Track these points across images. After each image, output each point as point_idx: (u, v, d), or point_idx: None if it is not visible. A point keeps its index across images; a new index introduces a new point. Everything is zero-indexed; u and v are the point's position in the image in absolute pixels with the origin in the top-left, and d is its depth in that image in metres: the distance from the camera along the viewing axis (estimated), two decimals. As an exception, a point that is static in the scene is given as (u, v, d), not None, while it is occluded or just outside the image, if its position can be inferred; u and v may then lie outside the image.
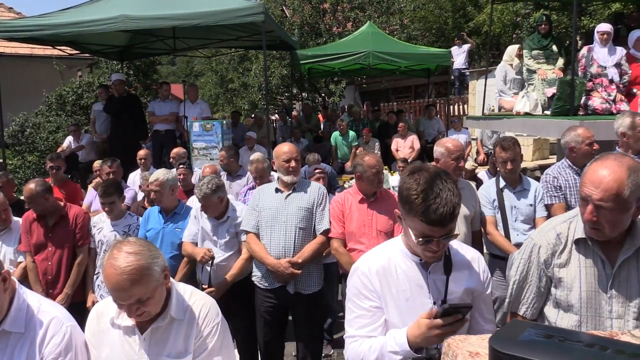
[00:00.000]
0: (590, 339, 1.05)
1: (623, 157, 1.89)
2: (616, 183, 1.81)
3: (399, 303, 1.95)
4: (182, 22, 7.73)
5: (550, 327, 1.08)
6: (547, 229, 2.14)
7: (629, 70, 6.40)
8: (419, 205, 1.76)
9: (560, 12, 13.49)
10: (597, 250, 2.01)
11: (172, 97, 10.06)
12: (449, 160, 3.70)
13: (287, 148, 3.93)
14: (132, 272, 1.87)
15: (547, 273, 2.11)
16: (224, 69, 25.01)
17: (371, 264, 2.00)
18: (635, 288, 1.97)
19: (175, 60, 41.34)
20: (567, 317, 2.06)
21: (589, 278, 2.01)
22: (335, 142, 11.09)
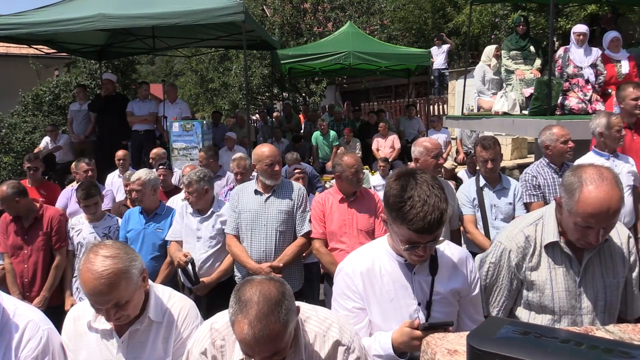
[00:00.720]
0: (565, 335, 1.06)
1: (603, 171, 1.91)
2: (618, 202, 1.85)
3: (383, 304, 1.95)
4: (161, 22, 7.64)
5: (527, 324, 1.10)
6: (515, 233, 2.15)
7: (604, 71, 6.51)
8: (407, 214, 1.73)
9: (538, 14, 13.67)
10: (570, 252, 2.05)
11: (152, 97, 9.97)
12: (429, 159, 3.73)
13: (268, 151, 3.84)
14: (109, 277, 1.84)
15: (518, 276, 2.14)
16: (204, 68, 24.81)
17: (355, 265, 2.00)
18: (600, 283, 2.05)
19: (155, 60, 40.93)
20: (541, 317, 2.11)
21: (559, 278, 2.06)
22: (316, 142, 11.10)
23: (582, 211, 1.85)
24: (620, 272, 2.09)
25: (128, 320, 2.00)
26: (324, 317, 1.88)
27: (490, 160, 4.13)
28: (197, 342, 1.87)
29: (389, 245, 2.00)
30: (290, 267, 3.88)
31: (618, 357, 0.95)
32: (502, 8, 14.88)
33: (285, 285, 1.71)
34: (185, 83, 28.62)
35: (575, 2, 11.25)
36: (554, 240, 2.06)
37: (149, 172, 4.51)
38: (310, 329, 1.83)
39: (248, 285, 1.66)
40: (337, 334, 1.82)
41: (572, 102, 6.42)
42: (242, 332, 1.57)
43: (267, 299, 1.60)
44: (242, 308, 1.60)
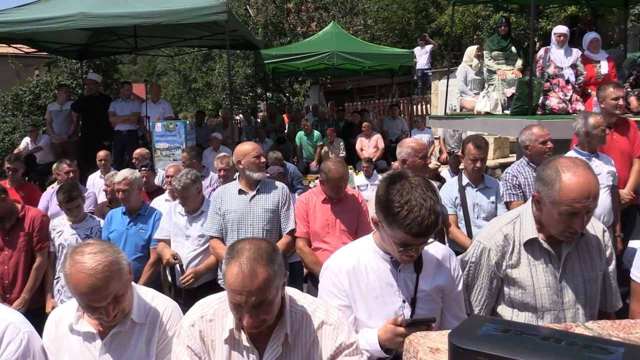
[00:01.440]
0: (545, 332, 1.08)
1: (574, 160, 1.96)
2: (596, 186, 1.90)
3: (369, 301, 1.97)
4: (143, 21, 7.59)
5: (507, 322, 1.11)
6: (493, 232, 2.17)
7: (584, 71, 6.60)
8: (404, 218, 1.74)
9: (519, 15, 13.82)
10: (549, 247, 2.08)
11: (134, 97, 9.89)
12: (417, 159, 3.71)
13: (251, 146, 3.92)
14: (105, 270, 1.83)
15: (498, 275, 2.16)
16: (187, 68, 24.68)
17: (342, 263, 2.01)
18: (579, 277, 2.09)
19: (137, 59, 40.55)
20: (524, 314, 2.13)
21: (540, 274, 2.09)
22: (300, 142, 11.10)
23: (566, 198, 1.88)
24: (598, 266, 2.13)
25: (122, 318, 1.99)
26: (312, 300, 1.94)
27: (480, 160, 4.17)
28: (188, 316, 1.92)
29: (375, 243, 2.01)
30: (276, 267, 3.88)
31: (596, 353, 0.96)
32: (484, 9, 15.03)
33: (277, 246, 1.81)
34: (168, 83, 28.44)
35: (555, 3, 11.39)
36: (532, 237, 2.09)
37: (134, 172, 4.48)
38: (298, 308, 1.88)
39: (242, 240, 1.77)
40: (323, 314, 1.87)
41: (553, 102, 6.51)
42: (232, 273, 1.65)
43: (258, 248, 1.70)
44: (234, 255, 1.69)
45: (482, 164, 4.20)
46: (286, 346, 1.82)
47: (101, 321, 1.96)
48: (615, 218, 4.39)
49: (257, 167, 3.82)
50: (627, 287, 2.30)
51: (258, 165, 3.81)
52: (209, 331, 1.86)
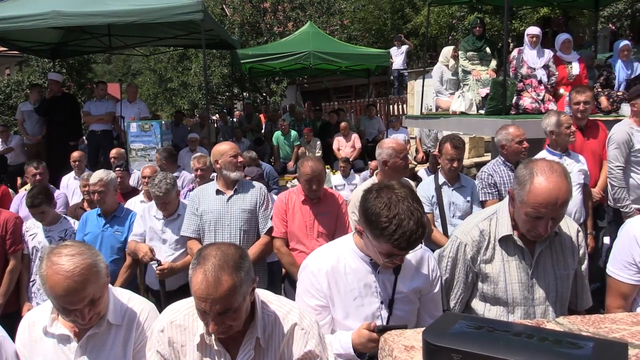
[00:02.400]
0: (517, 328, 1.10)
1: (553, 164, 1.99)
2: (566, 194, 1.93)
3: (347, 302, 1.97)
4: (117, 20, 7.49)
5: (480, 319, 1.13)
6: (470, 227, 2.22)
7: (556, 72, 6.72)
8: (393, 233, 1.74)
9: (493, 16, 14.01)
10: (522, 244, 2.13)
11: (109, 97, 9.76)
12: (398, 160, 3.71)
13: (228, 145, 3.91)
14: (82, 273, 1.81)
15: (473, 269, 2.20)
16: (163, 67, 24.45)
17: (321, 263, 2.02)
18: (551, 275, 2.14)
19: (111, 59, 40.01)
20: (495, 308, 2.19)
21: (513, 270, 2.14)
22: (277, 142, 11.09)
23: (533, 201, 1.93)
24: (570, 265, 2.18)
25: (97, 321, 1.97)
26: (285, 302, 1.93)
27: (457, 160, 4.22)
28: (158, 321, 1.91)
29: (355, 244, 2.02)
30: (255, 267, 3.86)
31: (566, 348, 0.99)
32: (459, 10, 15.19)
33: (245, 251, 1.77)
34: (143, 82, 28.13)
35: (528, 4, 11.56)
36: (507, 233, 2.13)
37: (109, 172, 4.41)
38: (271, 311, 1.87)
39: (210, 245, 1.76)
40: (296, 317, 1.87)
41: (526, 102, 6.61)
42: (197, 281, 1.64)
43: (225, 255, 1.68)
44: (200, 261, 1.68)
45: (459, 163, 4.25)
46: (258, 349, 1.82)
47: (76, 324, 1.93)
48: (587, 215, 4.49)
49: (234, 166, 3.79)
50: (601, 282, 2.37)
51: (235, 164, 3.79)
52: (179, 336, 1.85)
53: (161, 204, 3.97)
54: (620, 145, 4.54)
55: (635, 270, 2.21)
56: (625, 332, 1.24)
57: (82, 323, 1.90)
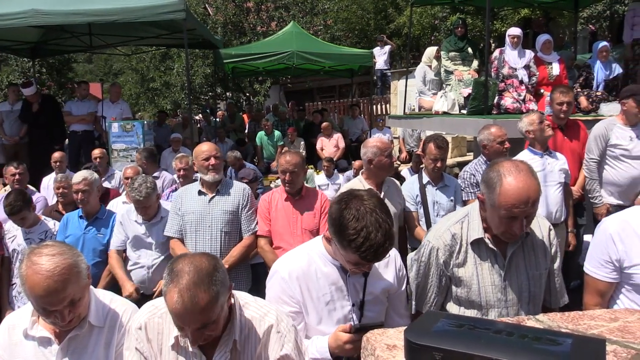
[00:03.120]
0: (498, 326, 1.11)
1: (518, 164, 2.00)
2: (536, 191, 1.94)
3: (319, 307, 1.97)
4: (98, 19, 7.41)
5: (462, 317, 1.14)
6: (442, 231, 2.21)
7: (537, 72, 6.80)
8: (361, 245, 1.74)
9: (475, 16, 14.14)
10: (494, 247, 2.13)
11: (90, 97, 9.65)
12: (383, 158, 3.72)
13: (205, 147, 3.87)
14: (62, 273, 1.79)
15: (446, 273, 2.20)
16: (145, 67, 24.25)
17: (291, 269, 2.00)
18: (523, 275, 2.15)
19: (93, 58, 39.57)
20: (470, 312, 2.19)
21: (485, 273, 2.14)
22: (261, 142, 11.06)
23: (505, 203, 1.92)
24: (542, 264, 2.20)
25: (77, 323, 1.94)
26: (262, 304, 1.92)
27: (441, 160, 4.24)
28: (136, 319, 1.89)
29: (325, 249, 2.02)
30: (238, 268, 3.85)
31: (546, 345, 1.00)
32: (441, 10, 15.29)
33: (218, 259, 1.75)
34: (125, 82, 27.82)
35: (509, 5, 11.68)
36: (479, 236, 2.13)
37: (92, 173, 4.35)
38: (247, 314, 1.86)
39: (181, 258, 1.70)
40: (273, 320, 1.86)
41: (507, 102, 6.68)
42: (173, 300, 1.60)
43: (198, 270, 1.64)
44: (173, 278, 1.63)
45: (442, 163, 4.28)
46: (234, 352, 1.81)
47: (56, 326, 1.91)
48: (568, 214, 4.55)
49: (206, 169, 3.77)
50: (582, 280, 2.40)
51: (207, 167, 3.76)
52: (157, 334, 1.83)
53: (141, 208, 3.91)
54: (597, 138, 4.64)
55: (611, 269, 2.25)
56: (603, 329, 1.26)
57: (62, 325, 1.87)
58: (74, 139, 8.81)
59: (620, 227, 2.23)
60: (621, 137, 4.62)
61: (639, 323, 1.29)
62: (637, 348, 1.14)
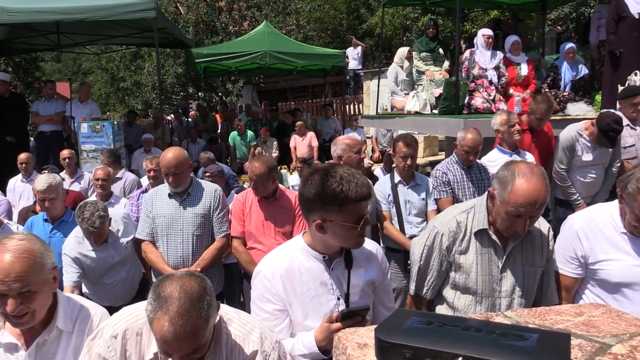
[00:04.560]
0: (467, 322, 1.13)
1: (533, 167, 2.10)
2: (545, 196, 2.04)
3: (305, 302, 1.97)
4: (66, 17, 7.28)
5: (432, 314, 1.16)
6: (448, 218, 2.32)
7: (506, 73, 6.92)
8: (350, 190, 1.80)
9: (446, 17, 14.31)
10: (496, 239, 2.23)
11: (58, 96, 9.46)
12: (352, 154, 3.78)
13: (166, 160, 3.63)
14: (23, 254, 1.74)
15: (448, 258, 2.31)
16: (115, 66, 23.87)
17: (274, 267, 1.99)
18: (519, 270, 2.26)
19: (61, 57, 38.79)
20: (464, 297, 2.30)
21: (484, 263, 2.25)
22: (234, 142, 11.00)
23: (514, 201, 2.03)
24: (538, 262, 2.29)
25: (32, 323, 1.86)
26: (245, 320, 1.85)
27: (410, 157, 4.28)
28: (111, 324, 1.78)
29: (306, 243, 2.02)
30: (211, 269, 3.82)
31: (512, 340, 1.02)
32: (412, 11, 15.43)
33: (206, 280, 1.68)
34: (94, 82, 27.34)
35: (479, 7, 11.86)
36: (483, 227, 2.24)
37: (55, 176, 4.24)
38: (231, 331, 1.80)
39: (168, 281, 1.61)
40: (257, 338, 1.80)
41: (478, 102, 6.77)
42: (163, 329, 1.52)
43: (188, 295, 1.56)
44: (162, 305, 1.55)
45: (413, 161, 4.32)
46: None
47: (2, 317, 1.83)
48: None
49: (168, 182, 3.69)
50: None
51: (168, 181, 3.67)
52: (134, 346, 1.75)
53: (96, 236, 3.68)
54: (564, 150, 4.79)
55: (576, 265, 2.34)
56: (569, 323, 1.29)
57: (9, 312, 1.77)
58: (42, 139, 8.62)
59: (585, 224, 2.31)
60: (585, 149, 4.77)
61: (603, 317, 1.33)
62: (601, 341, 1.17)
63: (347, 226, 1.86)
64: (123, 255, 3.88)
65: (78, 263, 3.75)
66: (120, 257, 3.86)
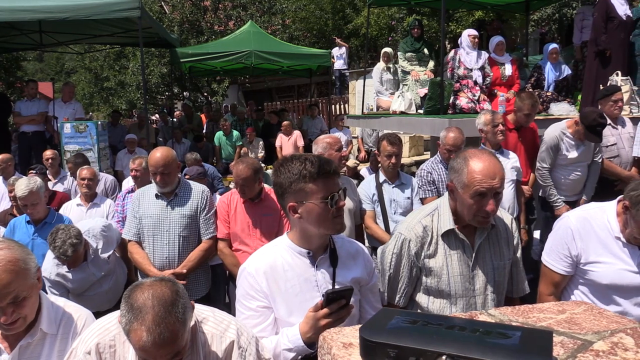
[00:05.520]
0: (451, 321, 1.13)
1: (480, 149, 2.15)
2: (501, 169, 2.08)
3: (289, 300, 1.96)
4: (48, 16, 7.19)
5: (416, 314, 1.17)
6: (413, 224, 2.29)
7: (491, 73, 6.98)
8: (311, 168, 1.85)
9: (431, 18, 14.38)
10: (464, 237, 2.22)
11: (40, 96, 9.36)
12: (333, 152, 3.80)
13: (154, 160, 3.62)
14: (7, 265, 1.71)
15: (417, 264, 2.28)
16: (99, 66, 23.64)
17: (258, 264, 2.00)
18: (489, 265, 2.26)
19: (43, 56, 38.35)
20: (438, 301, 2.27)
21: (454, 264, 2.23)
22: (219, 142, 10.95)
23: (474, 180, 2.04)
24: (506, 255, 2.30)
25: (23, 327, 1.85)
26: (221, 318, 1.86)
27: (395, 155, 4.30)
28: (83, 341, 1.76)
29: (291, 241, 2.03)
30: (197, 272, 3.80)
31: (496, 338, 1.03)
32: (398, 11, 15.49)
33: (177, 283, 1.67)
34: (78, 81, 27.05)
35: (464, 8, 11.94)
36: (449, 227, 2.22)
37: (35, 180, 4.16)
38: (207, 329, 1.81)
39: (139, 291, 1.59)
40: (234, 335, 1.81)
41: (463, 102, 6.82)
42: (141, 339, 1.52)
43: (162, 302, 1.56)
44: (136, 315, 1.54)
45: (397, 159, 4.34)
46: None
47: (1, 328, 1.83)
48: (520, 210, 4.70)
49: (155, 181, 3.67)
50: (533, 274, 2.50)
51: (155, 180, 3.65)
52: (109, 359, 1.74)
53: (70, 263, 3.65)
54: (549, 149, 4.83)
55: (569, 263, 2.36)
56: (551, 321, 1.30)
57: (3, 324, 1.78)
58: (24, 140, 8.52)
59: (581, 225, 2.33)
60: (569, 147, 4.82)
61: (585, 315, 1.34)
62: (583, 338, 1.18)
63: (318, 204, 1.87)
64: (105, 270, 3.83)
65: (59, 285, 3.71)
66: (103, 273, 3.81)
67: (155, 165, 3.59)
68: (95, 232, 3.85)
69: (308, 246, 1.99)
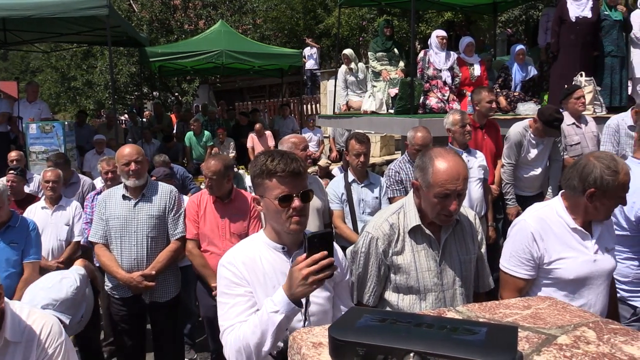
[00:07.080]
0: (419, 319, 1.15)
1: (445, 148, 2.19)
2: (465, 169, 2.12)
3: (267, 290, 1.95)
4: (12, 13, 7.02)
5: (385, 312, 1.18)
6: (380, 222, 2.31)
7: (460, 73, 7.08)
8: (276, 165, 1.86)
9: (401, 19, 14.51)
10: (430, 234, 2.25)
11: (4, 96, 9.14)
12: (298, 152, 3.79)
13: (127, 150, 3.68)
14: None
15: (385, 262, 2.29)
16: (65, 65, 23.13)
17: (236, 255, 2.00)
18: (456, 260, 2.30)
19: (8, 55, 37.40)
20: (408, 297, 2.29)
21: (422, 260, 2.26)
22: (190, 142, 10.84)
23: (439, 181, 2.07)
24: (471, 249, 2.34)
25: None
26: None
27: (363, 154, 4.32)
28: None
29: (266, 237, 2.03)
30: (166, 274, 3.76)
31: (463, 335, 1.04)
32: (368, 12, 15.58)
33: None
34: (44, 81, 26.42)
35: (433, 8, 12.08)
36: (415, 224, 2.25)
37: None
38: None
39: None
40: None
41: (432, 102, 6.90)
42: None
43: None
44: None
45: (366, 158, 4.36)
46: None
47: None
48: (487, 209, 4.78)
49: (127, 174, 3.62)
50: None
51: (127, 172, 3.61)
52: None
53: None
54: (513, 146, 4.95)
55: (531, 266, 2.36)
56: (517, 316, 1.33)
57: None
58: (-12, 141, 8.31)
59: (539, 225, 2.35)
60: (530, 146, 4.96)
61: (550, 310, 1.37)
62: (547, 333, 1.21)
63: (272, 201, 1.89)
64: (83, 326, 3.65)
65: None
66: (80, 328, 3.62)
67: (129, 154, 3.62)
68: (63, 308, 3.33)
69: (281, 241, 2.00)
